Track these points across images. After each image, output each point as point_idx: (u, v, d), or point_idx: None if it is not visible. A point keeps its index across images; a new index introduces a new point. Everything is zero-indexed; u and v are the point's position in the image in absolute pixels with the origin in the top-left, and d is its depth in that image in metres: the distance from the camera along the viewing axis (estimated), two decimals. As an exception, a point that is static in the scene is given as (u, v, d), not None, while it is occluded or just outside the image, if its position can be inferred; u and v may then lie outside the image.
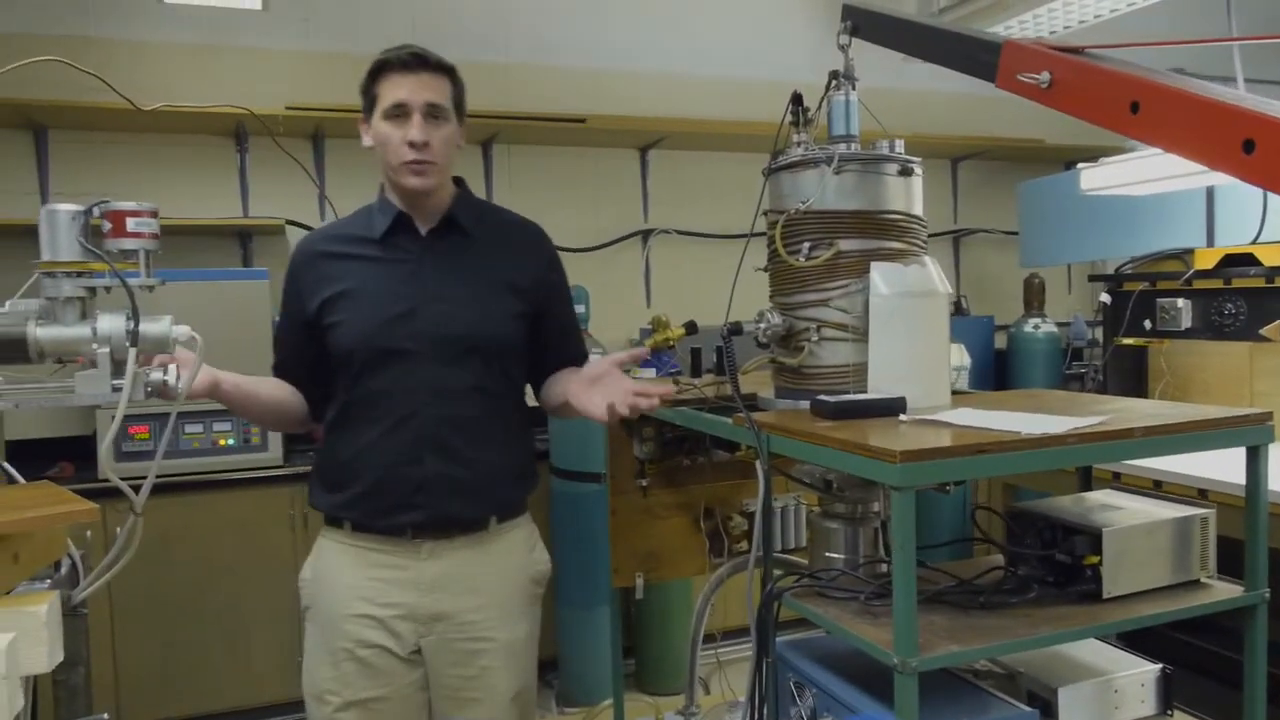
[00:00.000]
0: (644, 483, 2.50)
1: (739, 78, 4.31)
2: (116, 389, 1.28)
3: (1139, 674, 1.51)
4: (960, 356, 4.12)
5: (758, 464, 1.58)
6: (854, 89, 1.82)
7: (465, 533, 1.75)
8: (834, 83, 1.82)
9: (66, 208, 1.29)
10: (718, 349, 2.01)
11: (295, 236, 3.85)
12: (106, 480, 3.18)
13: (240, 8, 3.41)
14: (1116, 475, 2.67)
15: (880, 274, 1.66)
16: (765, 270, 1.88)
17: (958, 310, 4.72)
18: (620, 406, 1.60)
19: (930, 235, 5.33)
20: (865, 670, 1.45)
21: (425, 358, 1.71)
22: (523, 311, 1.80)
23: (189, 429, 3.21)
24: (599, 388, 1.69)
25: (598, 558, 2.52)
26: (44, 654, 1.03)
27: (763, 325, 1.82)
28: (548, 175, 4.16)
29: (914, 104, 4.36)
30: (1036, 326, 4.52)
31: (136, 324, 1.28)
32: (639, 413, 1.65)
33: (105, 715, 1.49)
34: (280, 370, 1.86)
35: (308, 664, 1.79)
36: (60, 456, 3.23)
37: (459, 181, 1.86)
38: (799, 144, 1.84)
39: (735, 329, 1.85)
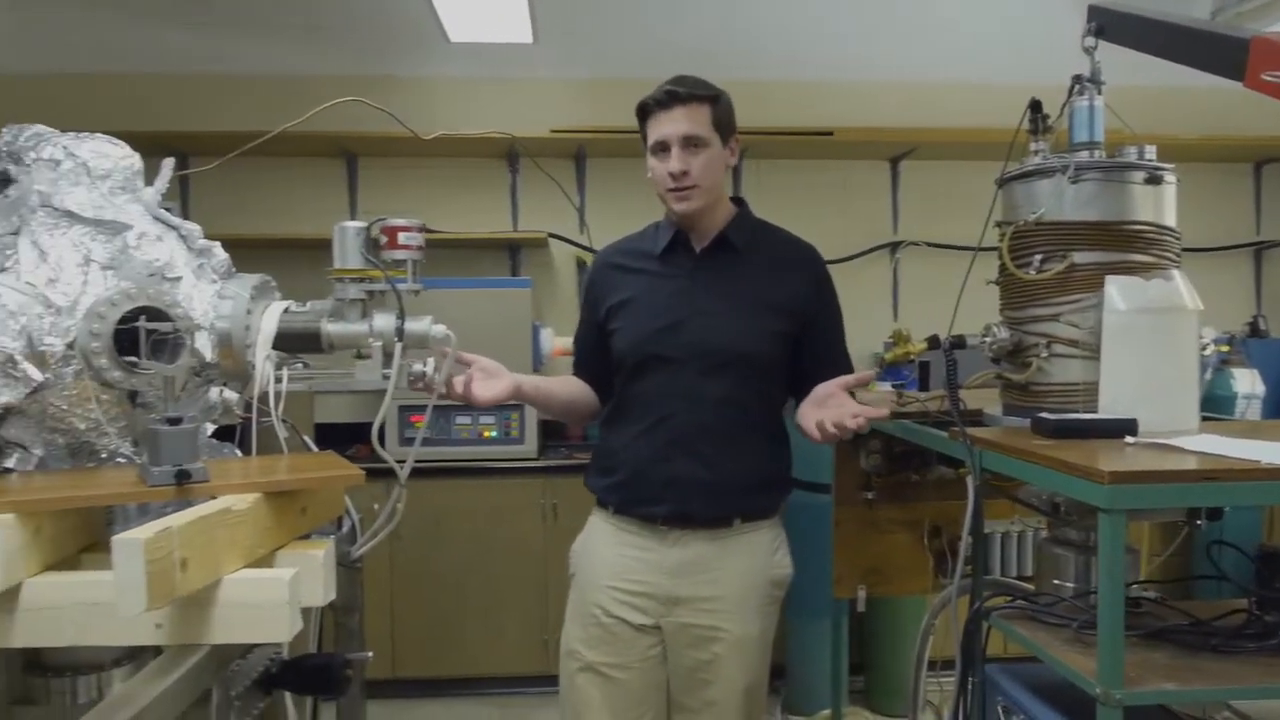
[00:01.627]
0: (869, 496, 2.48)
1: (996, 82, 4.11)
2: (386, 377, 1.51)
3: None
4: (1252, 383, 3.67)
5: (969, 479, 1.55)
6: (1099, 93, 1.73)
7: (709, 528, 1.87)
8: (1076, 87, 1.74)
9: (353, 224, 1.54)
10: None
11: (557, 249, 4.18)
12: (397, 460, 3.59)
13: (514, 42, 3.76)
14: None
15: (1117, 288, 1.58)
16: (995, 283, 1.83)
17: (1254, 332, 4.19)
18: (828, 425, 1.67)
19: (1225, 248, 4.78)
20: (1080, 703, 1.38)
21: (686, 367, 1.86)
22: (783, 330, 1.87)
23: (459, 420, 3.59)
24: (823, 409, 1.76)
25: (826, 568, 2.53)
26: (320, 590, 1.24)
27: (989, 339, 1.78)
28: (796, 188, 4.21)
29: (1209, 102, 3.95)
30: (1355, 352, 3.92)
31: (402, 322, 1.50)
32: (848, 433, 1.70)
33: (370, 654, 1.73)
34: (578, 369, 2.09)
35: (566, 624, 2.01)
36: (358, 439, 3.71)
37: (740, 201, 1.98)
38: (1036, 152, 1.78)
39: (958, 342, 1.82)
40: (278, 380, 1.50)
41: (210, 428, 1.68)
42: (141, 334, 1.27)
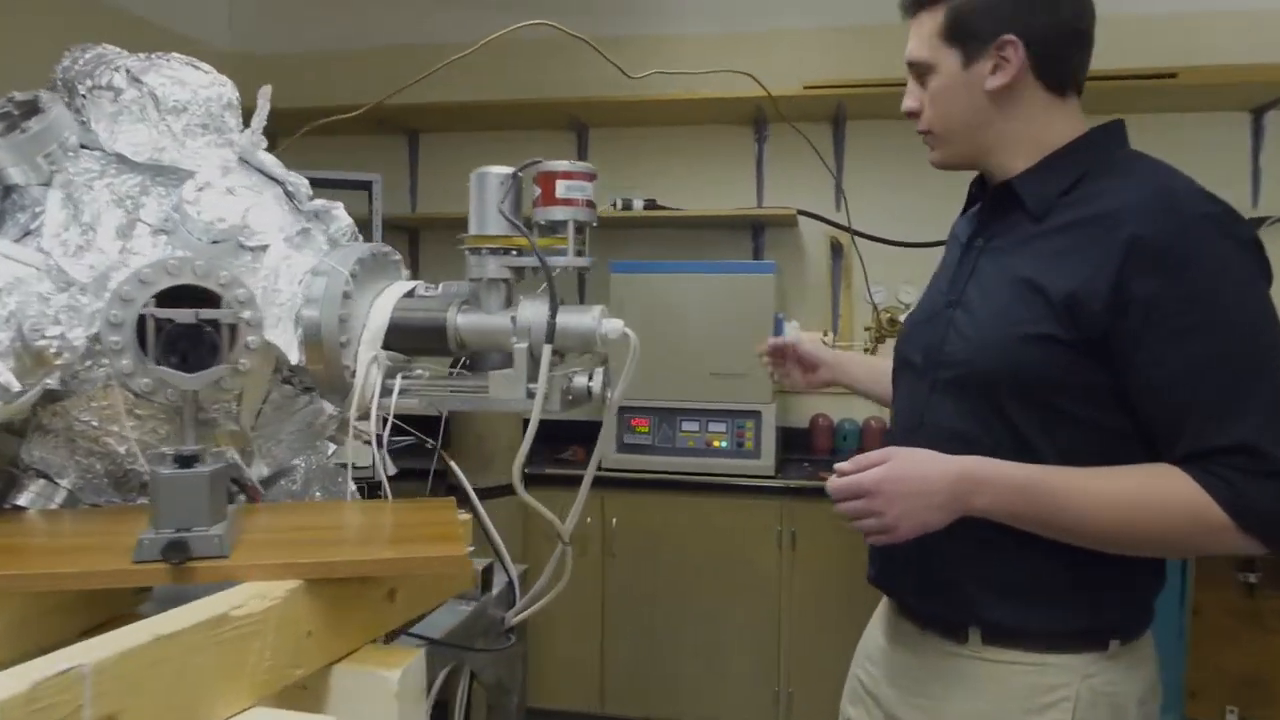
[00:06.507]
0: (1250, 579, 1.74)
1: None
2: (532, 394, 1.03)
3: None
4: None
5: None
6: None
7: (938, 632, 1.22)
8: None
9: (497, 170, 1.07)
10: None
11: (807, 228, 3.58)
12: (611, 469, 3.14)
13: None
14: None
15: None
16: None
17: None
18: None
19: None
20: None
21: (923, 378, 1.26)
22: (1049, 333, 1.10)
23: (685, 426, 3.10)
24: None
25: (1174, 676, 1.80)
26: (390, 737, 0.78)
27: None
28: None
29: None
30: None
31: (554, 314, 1.01)
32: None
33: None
34: None
35: None
36: (575, 440, 3.33)
37: (1097, 135, 1.20)
38: None
39: None
40: (386, 392, 1.06)
41: (332, 449, 1.29)
42: (150, 324, 0.86)
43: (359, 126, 3.84)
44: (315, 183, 3.04)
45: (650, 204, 3.37)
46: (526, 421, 1.02)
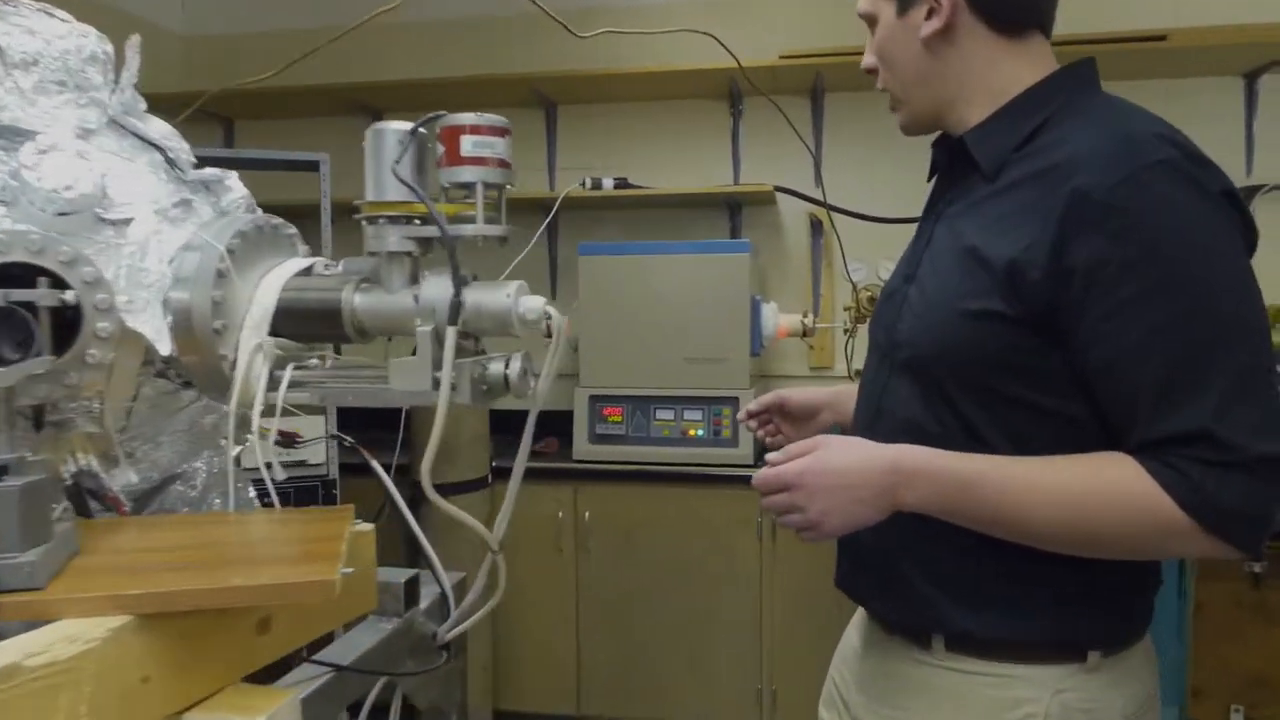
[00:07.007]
0: (1256, 568, 1.62)
1: None
2: (437, 383, 0.89)
3: None
4: None
5: None
6: None
7: (904, 636, 1.10)
8: None
9: (395, 126, 0.93)
10: None
11: (786, 205, 3.44)
12: (583, 460, 3.01)
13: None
14: None
15: None
16: None
17: None
18: None
19: None
20: None
21: (884, 361, 1.14)
22: (995, 309, 0.97)
23: (660, 415, 2.97)
24: None
25: (1175, 675, 1.68)
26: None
27: None
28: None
29: None
30: None
31: (458, 291, 0.87)
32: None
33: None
34: None
35: None
36: (548, 430, 3.20)
37: (1061, 77, 1.05)
38: None
39: None
40: (275, 385, 0.93)
41: (237, 450, 1.16)
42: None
43: (319, 107, 3.71)
44: (259, 163, 2.86)
45: (621, 183, 3.22)
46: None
